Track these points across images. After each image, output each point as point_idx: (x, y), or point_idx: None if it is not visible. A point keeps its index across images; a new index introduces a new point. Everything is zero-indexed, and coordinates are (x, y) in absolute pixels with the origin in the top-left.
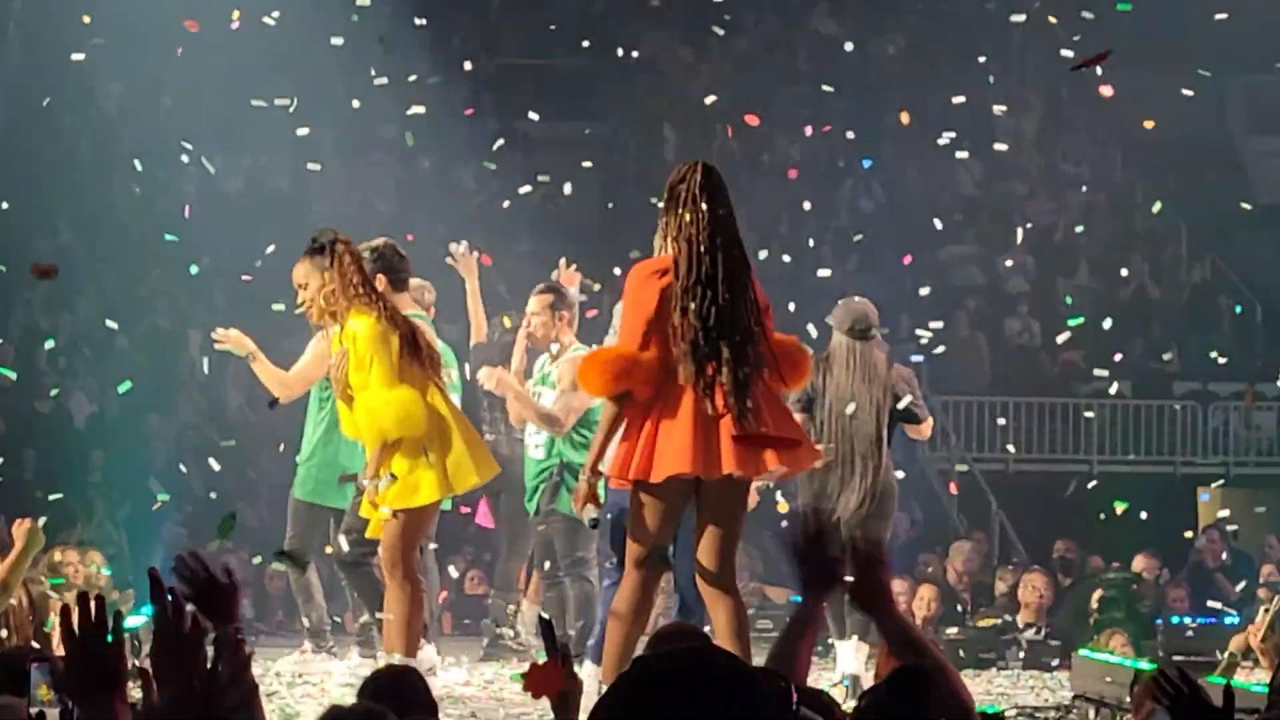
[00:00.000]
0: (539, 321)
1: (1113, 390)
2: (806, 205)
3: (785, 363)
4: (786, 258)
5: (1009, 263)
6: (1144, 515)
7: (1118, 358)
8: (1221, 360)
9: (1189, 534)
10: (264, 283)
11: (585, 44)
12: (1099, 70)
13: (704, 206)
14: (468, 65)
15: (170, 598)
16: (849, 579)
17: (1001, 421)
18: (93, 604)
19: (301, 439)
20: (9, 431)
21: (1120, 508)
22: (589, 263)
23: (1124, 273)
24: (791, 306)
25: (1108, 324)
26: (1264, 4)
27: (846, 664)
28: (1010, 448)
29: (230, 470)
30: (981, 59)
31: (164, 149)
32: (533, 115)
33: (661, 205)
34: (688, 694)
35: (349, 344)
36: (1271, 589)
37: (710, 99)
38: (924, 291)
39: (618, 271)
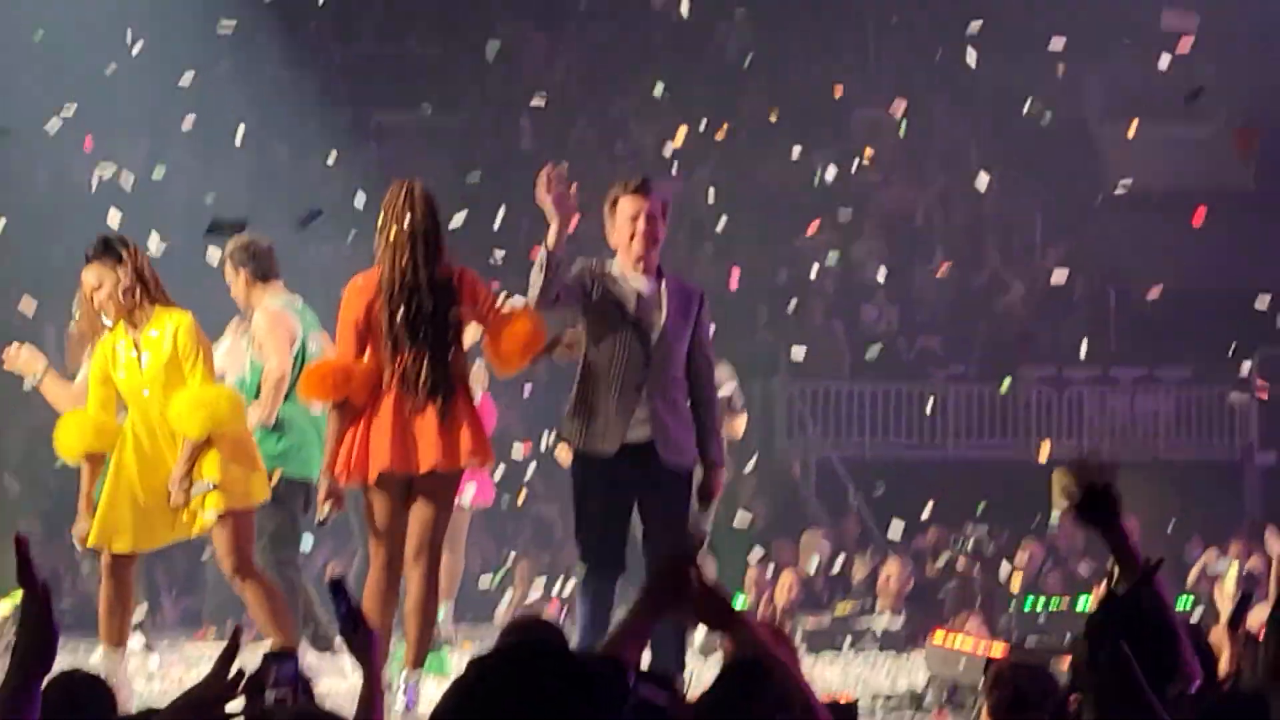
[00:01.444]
0: None
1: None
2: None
3: (504, 340)
4: None
5: (863, 249)
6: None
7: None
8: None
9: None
10: None
11: (440, 33)
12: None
13: (404, 223)
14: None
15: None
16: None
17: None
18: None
19: None
20: None
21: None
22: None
23: (979, 258)
24: None
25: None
26: None
27: None
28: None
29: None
30: (837, 45)
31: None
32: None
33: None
34: (522, 692)
35: (158, 341)
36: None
37: (537, 101)
38: (780, 279)
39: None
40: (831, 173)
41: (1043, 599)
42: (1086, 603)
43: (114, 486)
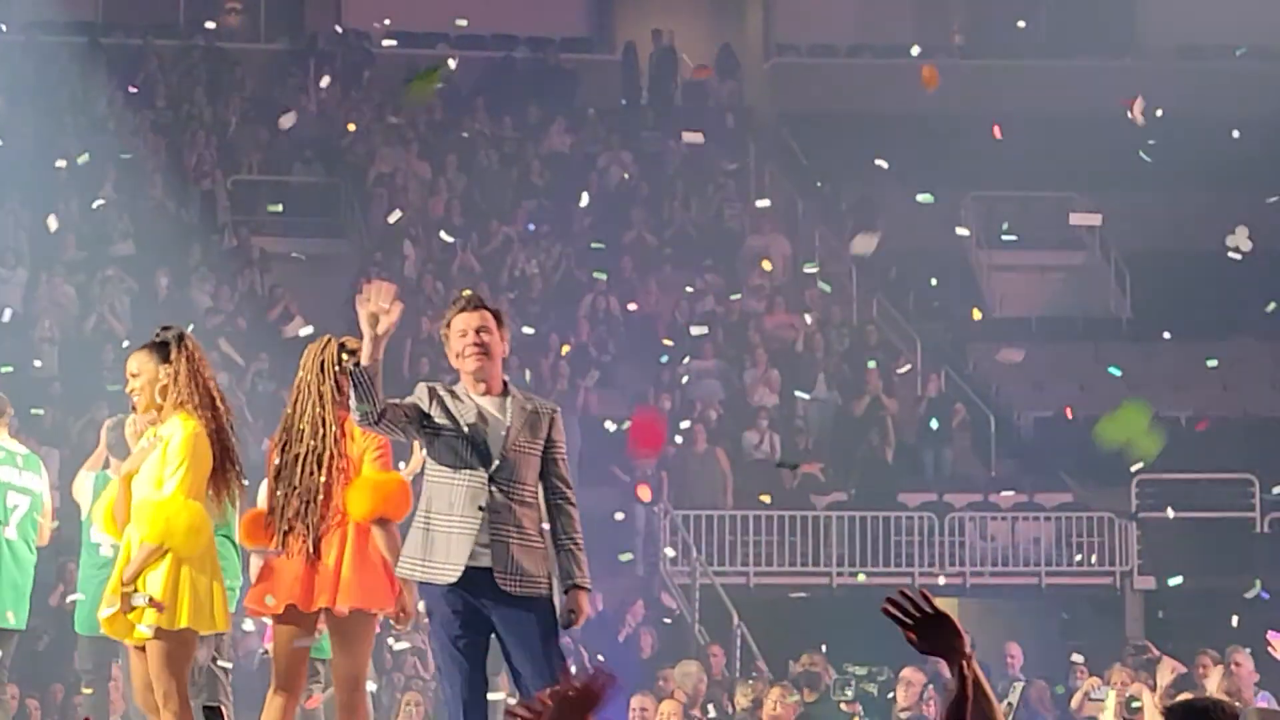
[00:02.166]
0: None
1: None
2: (545, 321)
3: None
4: (527, 374)
5: (747, 376)
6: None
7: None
8: (956, 472)
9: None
10: None
11: (323, 161)
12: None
13: (301, 376)
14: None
15: None
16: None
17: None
18: None
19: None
20: None
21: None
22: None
23: (858, 385)
24: None
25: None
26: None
27: None
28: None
29: None
30: (714, 176)
31: None
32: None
33: None
34: None
35: (161, 439)
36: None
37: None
38: (666, 405)
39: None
40: (712, 301)
41: None
42: None
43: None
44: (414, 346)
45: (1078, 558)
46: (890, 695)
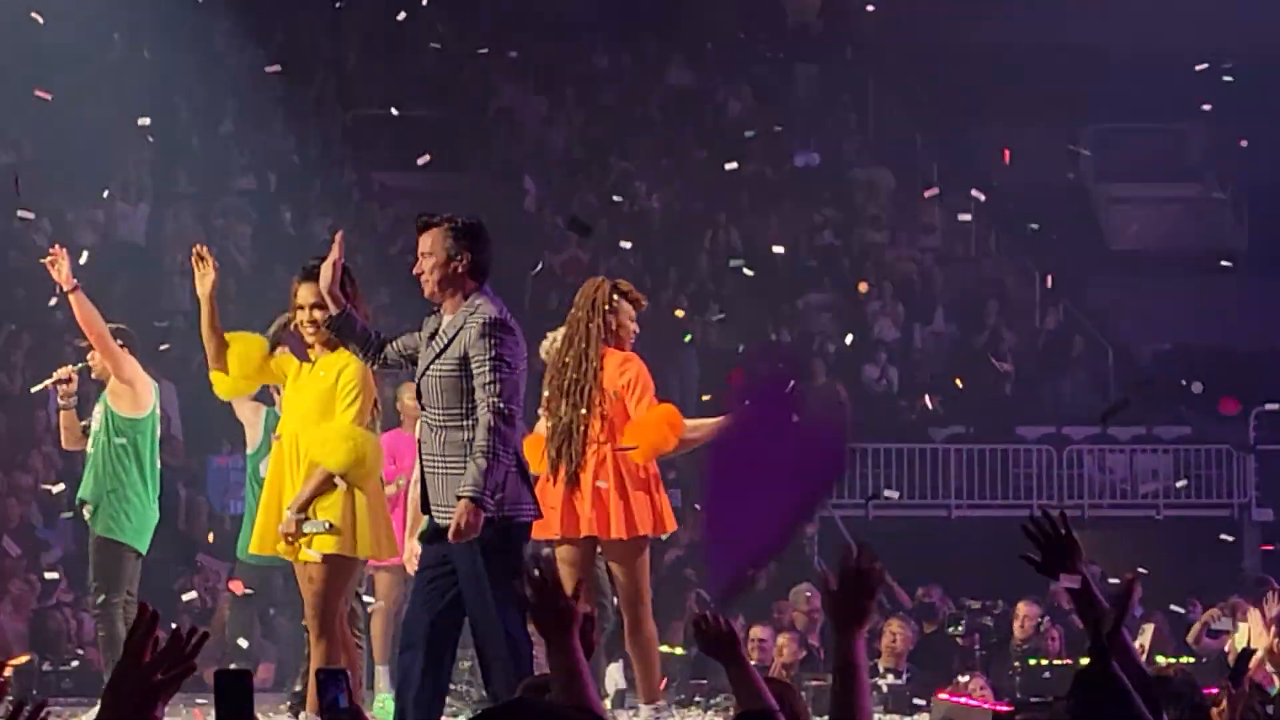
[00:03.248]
0: None
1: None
2: (666, 256)
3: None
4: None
5: (867, 310)
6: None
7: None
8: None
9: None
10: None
11: (442, 95)
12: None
13: (573, 313)
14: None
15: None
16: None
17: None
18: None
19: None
20: None
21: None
22: None
23: (978, 318)
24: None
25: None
26: (1116, 54)
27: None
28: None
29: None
30: (833, 108)
31: (13, 202)
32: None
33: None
34: None
35: (331, 370)
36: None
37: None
38: (784, 339)
39: None
40: (830, 234)
41: (1045, 659)
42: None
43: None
44: (536, 282)
45: (1194, 490)
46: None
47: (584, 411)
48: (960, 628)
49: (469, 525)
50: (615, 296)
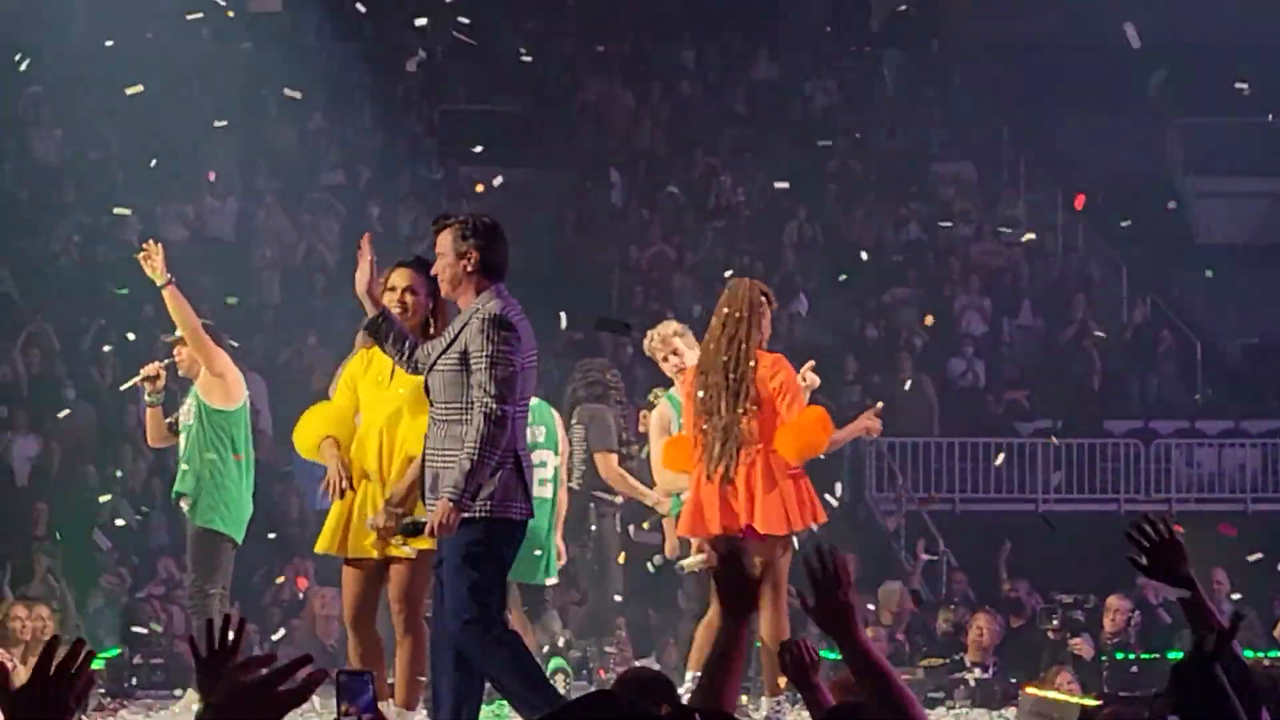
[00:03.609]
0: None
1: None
2: (750, 250)
3: None
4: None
5: (954, 305)
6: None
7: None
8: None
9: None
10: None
11: (528, 90)
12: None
13: (727, 313)
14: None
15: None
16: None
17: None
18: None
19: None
20: None
21: None
22: (537, 310)
23: (1066, 312)
24: None
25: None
26: (1202, 48)
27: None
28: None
29: (178, 520)
30: (918, 101)
31: (104, 198)
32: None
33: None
34: None
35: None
36: None
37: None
38: (870, 333)
39: (564, 319)
40: (916, 228)
41: (1133, 652)
42: (1177, 655)
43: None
44: (623, 276)
45: None
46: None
47: (743, 412)
48: (1055, 621)
49: (445, 525)
50: (763, 299)
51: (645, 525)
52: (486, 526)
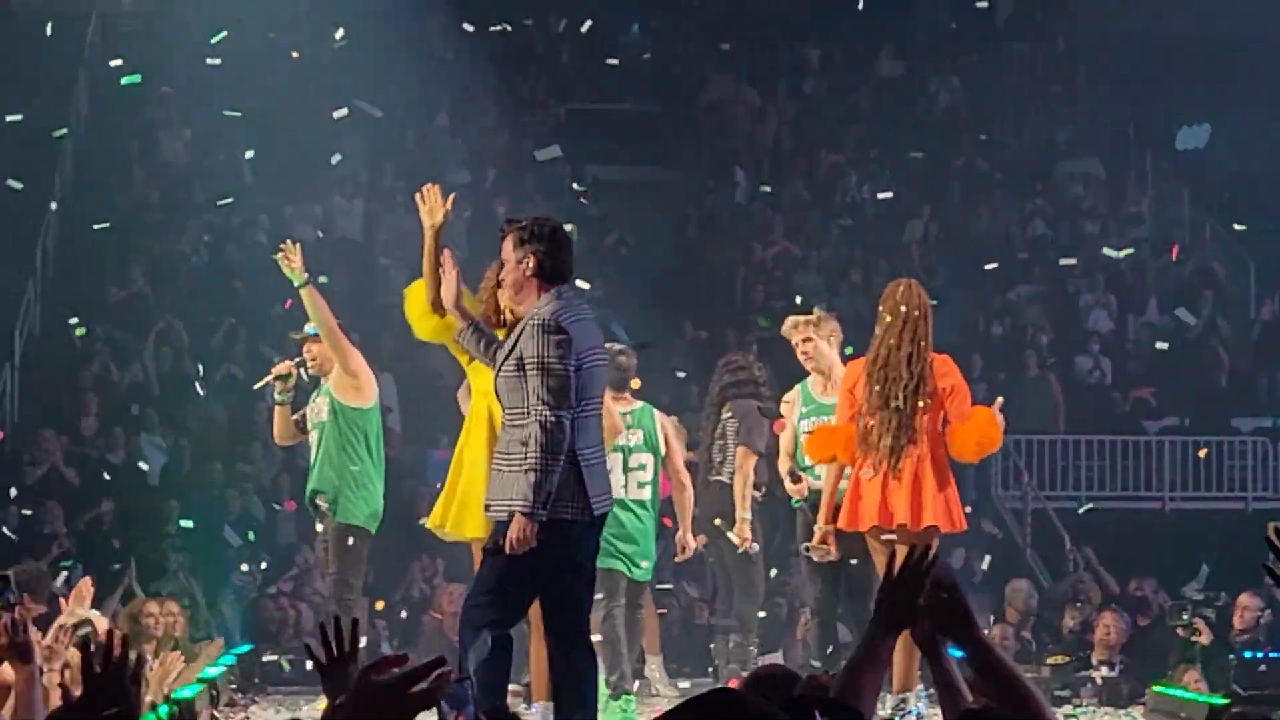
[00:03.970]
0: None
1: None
2: (875, 247)
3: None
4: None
5: (1079, 302)
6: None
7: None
8: None
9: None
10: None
11: (653, 89)
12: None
13: (904, 310)
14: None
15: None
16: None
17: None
18: (117, 649)
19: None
20: (85, 483)
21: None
22: (662, 305)
23: (1192, 309)
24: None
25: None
26: None
27: None
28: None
29: (307, 516)
30: (1044, 101)
31: (234, 198)
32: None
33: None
34: None
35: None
36: None
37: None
38: (995, 330)
39: (690, 314)
40: (1041, 225)
41: (1261, 651)
42: None
43: (453, 467)
44: (747, 273)
45: None
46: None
47: (922, 406)
48: (1185, 617)
49: (521, 539)
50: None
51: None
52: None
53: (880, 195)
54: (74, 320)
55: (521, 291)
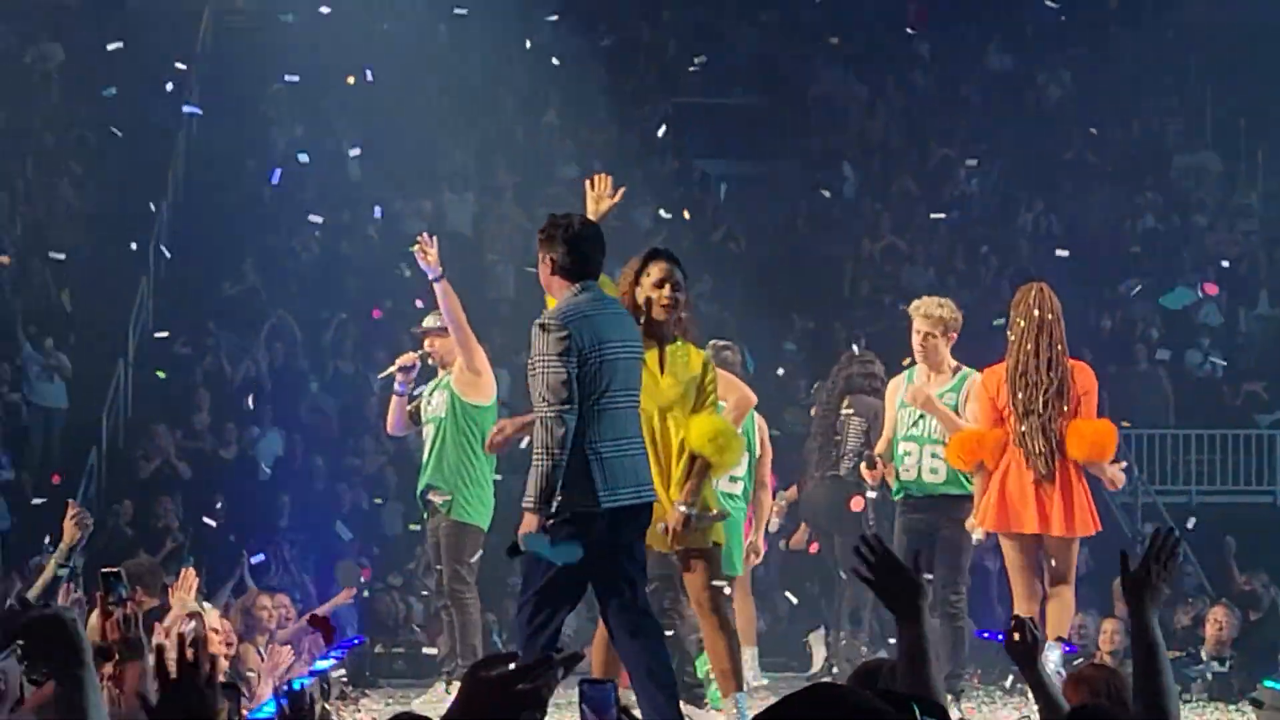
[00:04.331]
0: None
1: None
2: (985, 241)
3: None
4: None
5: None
6: None
7: None
8: None
9: None
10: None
11: (762, 83)
12: None
13: (1038, 315)
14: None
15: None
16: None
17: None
18: (189, 650)
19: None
20: (197, 478)
21: None
22: (770, 300)
23: None
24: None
25: None
26: None
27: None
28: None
29: (414, 510)
30: (1154, 93)
31: (345, 194)
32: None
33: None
34: None
35: (683, 361)
36: None
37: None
38: (1105, 324)
39: (797, 309)
40: (1152, 219)
41: None
42: None
43: None
44: (855, 268)
45: None
46: None
47: (1067, 409)
48: None
49: (527, 534)
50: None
51: None
52: (559, 519)
53: (968, 161)
54: (161, 372)
55: (551, 289)
